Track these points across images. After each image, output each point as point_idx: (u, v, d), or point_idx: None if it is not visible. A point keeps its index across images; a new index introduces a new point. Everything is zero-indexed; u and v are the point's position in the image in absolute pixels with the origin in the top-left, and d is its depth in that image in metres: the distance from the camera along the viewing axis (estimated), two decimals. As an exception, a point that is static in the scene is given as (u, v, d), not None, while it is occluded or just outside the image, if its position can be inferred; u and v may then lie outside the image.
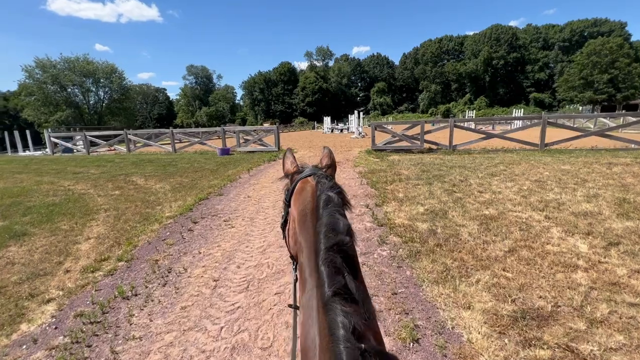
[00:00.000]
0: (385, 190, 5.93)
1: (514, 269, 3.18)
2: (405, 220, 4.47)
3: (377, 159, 9.73)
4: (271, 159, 11.11)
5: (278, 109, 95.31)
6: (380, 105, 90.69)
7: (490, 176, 6.71)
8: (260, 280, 3.14)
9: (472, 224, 4.25)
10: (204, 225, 4.66)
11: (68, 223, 5.21)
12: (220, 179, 7.75)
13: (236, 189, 6.70)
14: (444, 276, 3.07)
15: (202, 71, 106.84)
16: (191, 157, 12.69)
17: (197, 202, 5.76)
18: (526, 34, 78.28)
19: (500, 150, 9.92)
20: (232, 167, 9.51)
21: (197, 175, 8.39)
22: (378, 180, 6.62)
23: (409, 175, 7.09)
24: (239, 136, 12.97)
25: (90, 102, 50.97)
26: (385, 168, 8.03)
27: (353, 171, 7.87)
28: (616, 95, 53.35)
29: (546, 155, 8.74)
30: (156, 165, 10.83)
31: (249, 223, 4.65)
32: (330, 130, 32.38)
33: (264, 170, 8.99)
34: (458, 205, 4.96)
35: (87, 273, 3.48)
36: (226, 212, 5.21)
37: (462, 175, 6.84)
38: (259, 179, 7.77)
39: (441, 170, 7.53)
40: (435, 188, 5.98)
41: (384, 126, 10.86)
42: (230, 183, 7.24)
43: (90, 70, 48.24)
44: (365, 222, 4.48)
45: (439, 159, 9.08)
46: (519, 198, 5.22)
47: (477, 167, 7.70)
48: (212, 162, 10.78)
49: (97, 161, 12.80)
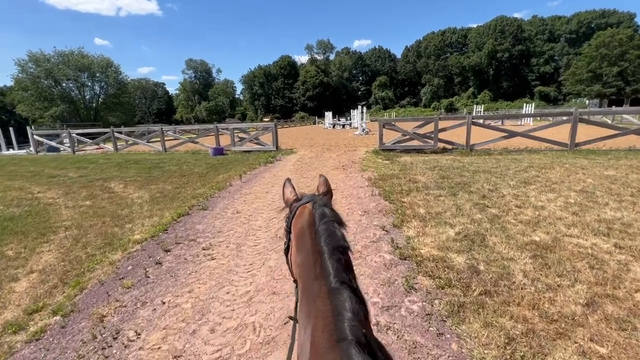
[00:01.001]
0: (402, 204, 4.93)
1: (606, 338, 2.21)
2: (434, 249, 3.49)
3: (386, 160, 8.70)
4: (268, 160, 10.04)
5: (278, 104, 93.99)
6: (382, 99, 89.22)
7: (524, 184, 5.70)
8: (240, 356, 2.17)
9: (522, 257, 3.26)
10: (178, 255, 3.68)
11: (17, 246, 4.26)
12: (208, 186, 6.75)
13: (224, 201, 5.71)
14: (509, 354, 2.09)
15: (202, 65, 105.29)
16: (181, 157, 11.67)
17: (175, 220, 4.78)
18: (531, 26, 76.39)
19: (524, 150, 8.87)
20: (224, 171, 8.49)
21: (183, 181, 7.39)
22: (392, 190, 5.62)
23: (427, 182, 6.08)
24: (233, 134, 11.89)
25: (85, 97, 49.73)
26: (398, 173, 7.02)
27: (361, 177, 6.85)
28: (625, 89, 51.90)
29: (579, 157, 7.70)
30: (141, 167, 9.83)
31: (234, 253, 3.66)
32: (332, 125, 31.29)
33: (259, 175, 7.96)
34: (496, 227, 3.97)
35: (5, 334, 2.52)
36: (208, 234, 4.23)
37: (491, 183, 5.83)
38: (253, 186, 6.76)
39: (463, 175, 6.52)
40: (462, 200, 4.98)
41: (393, 123, 9.79)
42: (219, 192, 6.24)
43: (85, 64, 46.92)
44: (384, 252, 3.49)
45: (457, 161, 8.05)
46: (569, 216, 4.22)
47: (504, 172, 6.69)
48: (202, 164, 9.76)
49: (80, 162, 11.80)
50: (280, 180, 7.11)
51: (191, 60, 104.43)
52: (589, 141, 8.42)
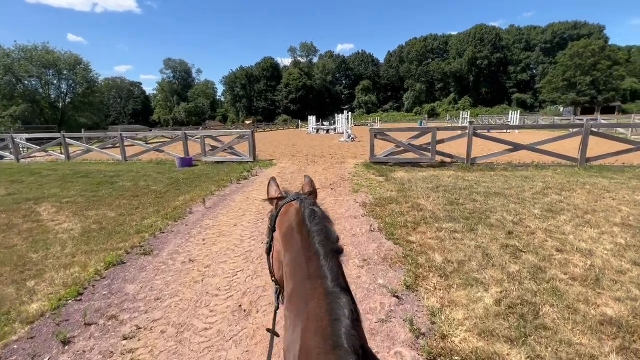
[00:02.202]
0: (412, 246, 3.79)
1: None
2: (473, 336, 2.34)
3: (379, 176, 7.58)
4: (242, 175, 8.46)
5: (261, 106, 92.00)
6: (365, 103, 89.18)
7: (551, 214, 4.70)
8: None
9: (605, 350, 2.17)
10: (79, 353, 2.34)
11: None
12: (162, 213, 5.35)
13: (177, 239, 4.35)
14: None
15: (181, 65, 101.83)
16: (142, 169, 10.06)
17: (100, 275, 3.41)
18: (509, 35, 78.68)
19: (530, 165, 7.99)
20: (187, 190, 7.05)
21: (133, 205, 5.94)
22: (394, 223, 4.47)
23: (435, 210, 4.98)
24: (204, 143, 10.39)
25: (51, 96, 46.10)
26: (397, 195, 5.89)
27: (354, 202, 5.65)
28: (597, 97, 53.90)
29: (596, 175, 6.87)
30: (89, 182, 8.22)
31: (171, 347, 2.36)
32: (316, 130, 30.17)
33: (229, 198, 6.43)
34: (545, 288, 2.89)
35: None
36: (139, 304, 2.90)
37: (511, 212, 4.80)
38: (218, 214, 5.37)
39: (474, 200, 5.47)
40: (484, 240, 3.90)
41: (386, 133, 8.70)
42: (173, 224, 4.86)
43: (50, 60, 43.48)
44: (399, 344, 2.30)
45: (461, 178, 7.04)
46: (632, 268, 3.21)
47: (520, 194, 5.70)
48: (164, 179, 8.26)
49: (20, 173, 9.97)
50: (254, 204, 5.82)
51: (170, 60, 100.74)
52: (601, 156, 7.65)
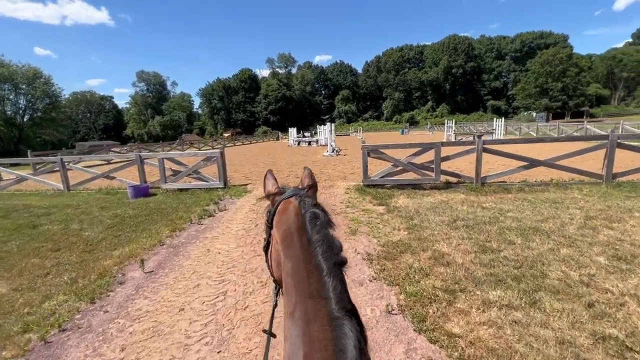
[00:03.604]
0: (456, 345, 2.37)
1: None
2: None
3: (378, 204, 6.20)
4: (206, 212, 6.42)
5: (240, 118, 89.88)
6: (346, 113, 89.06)
7: (623, 263, 3.44)
8: None
9: None
10: None
11: None
12: (76, 287, 3.62)
13: (80, 345, 2.73)
14: None
15: (155, 78, 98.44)
16: (85, 201, 8.08)
17: None
18: (481, 45, 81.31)
19: (549, 184, 6.88)
20: (128, 237, 5.19)
21: (45, 268, 4.19)
22: (418, 293, 3.05)
23: (465, 264, 3.60)
24: (163, 167, 8.63)
25: (6, 113, 42.22)
26: (407, 237, 4.49)
27: (354, 252, 4.13)
28: (568, 103, 55.93)
29: (633, 196, 5.78)
30: (4, 226, 6.31)
31: None
32: (297, 143, 28.75)
33: (184, 250, 4.59)
34: None
35: None
36: None
37: (568, 263, 3.50)
38: (159, 287, 3.50)
39: (510, 240, 4.16)
40: (562, 324, 2.54)
41: (381, 151, 7.34)
42: (87, 308, 3.21)
43: (4, 74, 39.89)
44: None
45: (477, 204, 5.77)
46: None
47: (560, 229, 4.45)
48: (105, 218, 6.43)
49: None
50: (217, 261, 4.23)
51: (143, 72, 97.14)
52: (629, 171, 6.66)
